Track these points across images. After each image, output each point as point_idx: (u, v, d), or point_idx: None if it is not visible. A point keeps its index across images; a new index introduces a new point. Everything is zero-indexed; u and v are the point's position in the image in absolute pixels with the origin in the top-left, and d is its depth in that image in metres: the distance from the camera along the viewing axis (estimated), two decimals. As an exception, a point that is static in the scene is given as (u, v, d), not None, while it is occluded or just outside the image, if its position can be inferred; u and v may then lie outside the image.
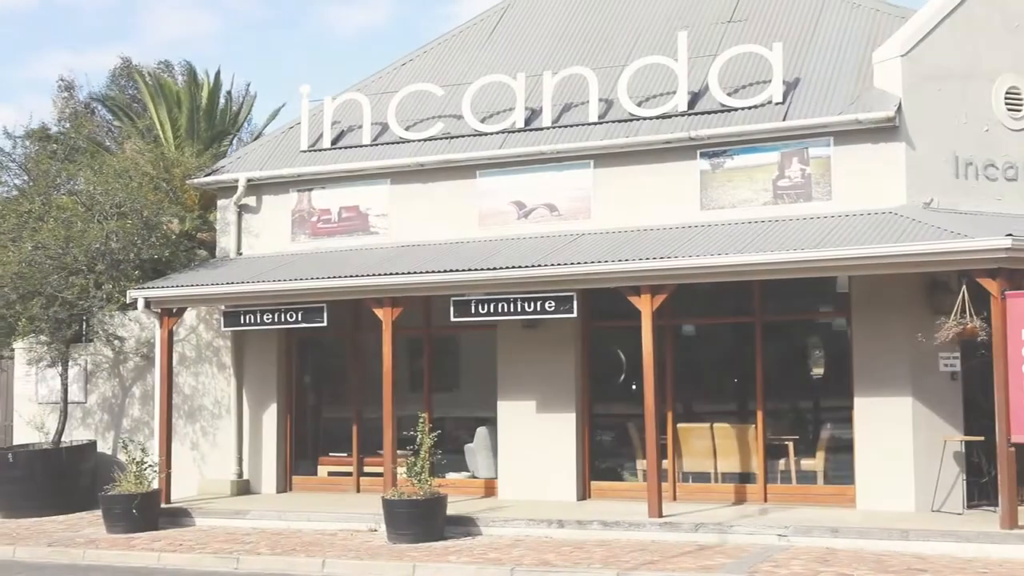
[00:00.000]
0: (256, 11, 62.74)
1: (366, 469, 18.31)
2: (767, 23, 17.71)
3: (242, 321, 17.44)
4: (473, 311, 16.02)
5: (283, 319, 17.07)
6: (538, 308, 15.55)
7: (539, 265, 15.27)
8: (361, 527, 15.80)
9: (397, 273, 15.94)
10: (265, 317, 17.18)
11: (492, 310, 15.89)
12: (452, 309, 16.16)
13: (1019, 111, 15.65)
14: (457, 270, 15.60)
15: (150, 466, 16.80)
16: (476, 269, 15.51)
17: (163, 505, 16.95)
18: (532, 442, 16.81)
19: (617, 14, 19.46)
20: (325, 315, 16.79)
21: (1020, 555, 12.68)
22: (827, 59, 16.58)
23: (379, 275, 16.04)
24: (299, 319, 16.97)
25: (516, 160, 17.17)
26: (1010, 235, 12.97)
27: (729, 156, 16.08)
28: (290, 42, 60.63)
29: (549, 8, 20.31)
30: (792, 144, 15.73)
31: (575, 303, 15.35)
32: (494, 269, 15.40)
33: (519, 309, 15.68)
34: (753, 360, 16.19)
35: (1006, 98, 15.58)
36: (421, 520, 14.80)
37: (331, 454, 18.86)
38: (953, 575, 11.84)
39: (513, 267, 15.36)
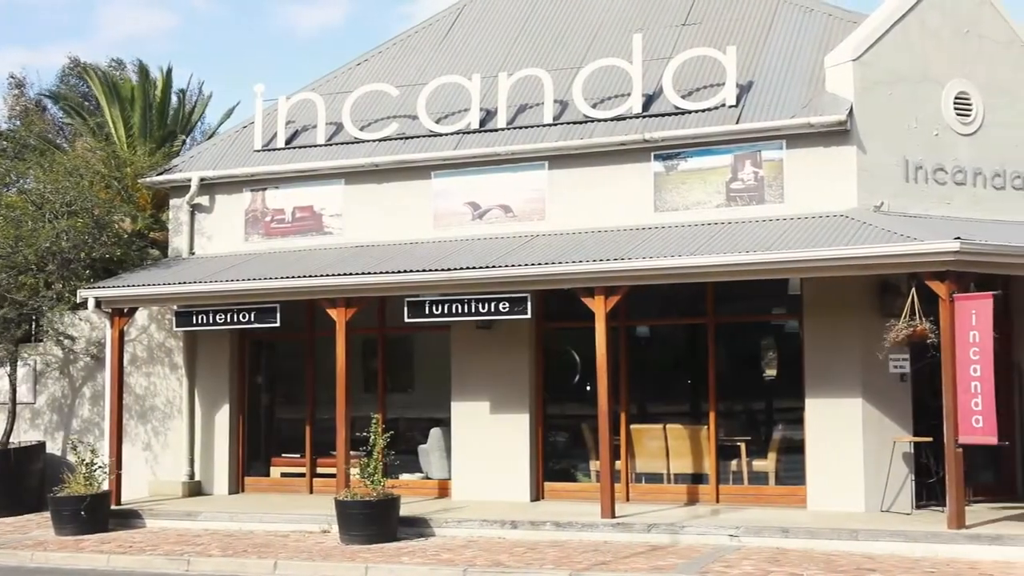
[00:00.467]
0: (213, 9, 62.36)
1: (319, 470, 18.23)
2: (721, 26, 17.82)
3: (194, 321, 17.32)
4: (427, 312, 15.99)
5: (236, 319, 16.97)
6: (492, 309, 15.55)
7: (493, 266, 15.27)
8: (314, 528, 15.74)
9: (351, 273, 15.89)
10: (218, 317, 17.06)
11: (446, 311, 15.88)
12: (406, 310, 16.13)
13: (968, 116, 15.84)
14: (411, 271, 15.57)
15: (100, 467, 16.60)
16: (430, 270, 15.49)
17: (113, 507, 16.79)
18: (486, 443, 16.81)
19: (572, 16, 19.52)
20: (278, 315, 16.70)
21: (967, 555, 12.83)
22: (780, 63, 16.71)
23: (333, 275, 15.98)
24: (252, 319, 16.87)
25: (471, 161, 17.17)
26: (958, 238, 13.13)
27: (683, 158, 16.16)
28: (247, 41, 60.33)
29: (504, 9, 20.33)
30: (745, 147, 15.83)
31: (529, 304, 15.37)
32: (448, 270, 15.39)
33: (473, 310, 15.67)
34: (706, 361, 16.28)
35: (955, 103, 15.78)
36: (374, 521, 14.76)
37: (284, 455, 18.76)
38: (902, 575, 11.95)
39: (467, 268, 15.36)
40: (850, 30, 16.24)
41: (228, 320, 17.02)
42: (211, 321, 17.15)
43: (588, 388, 16.45)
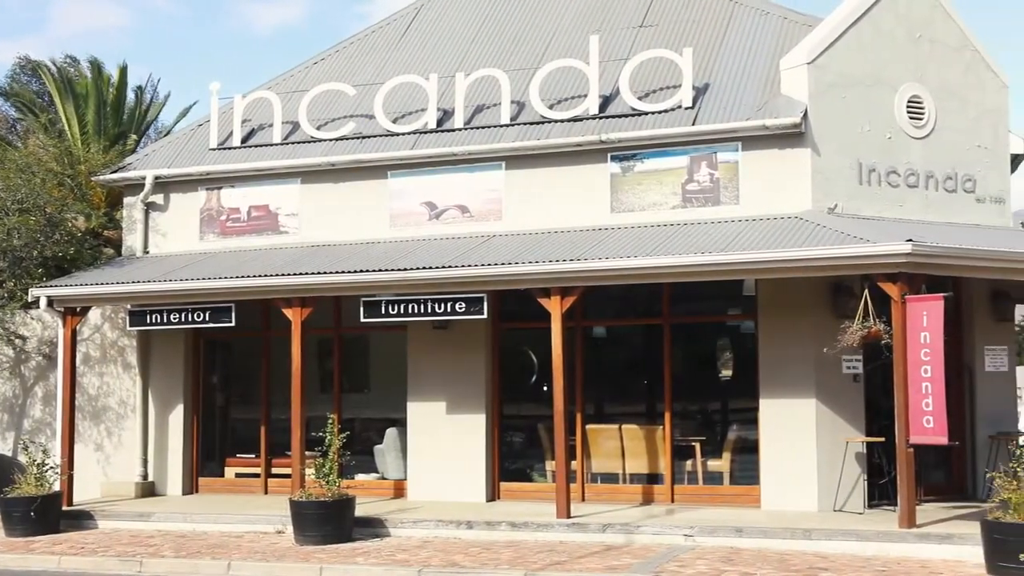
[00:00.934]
0: (168, 7, 61.92)
1: (274, 470, 18.15)
2: (677, 28, 17.91)
3: (148, 321, 17.19)
4: (383, 312, 15.98)
5: (190, 319, 16.86)
6: (449, 309, 15.55)
7: (450, 266, 15.26)
8: (268, 529, 15.66)
9: (306, 273, 15.84)
10: (172, 317, 16.95)
11: (402, 311, 15.87)
12: (362, 310, 16.09)
13: (921, 119, 16.01)
14: (367, 271, 15.54)
15: (52, 468, 16.43)
16: (386, 270, 15.46)
17: (65, 507, 16.61)
18: (442, 443, 16.80)
19: (530, 17, 19.54)
20: (233, 315, 16.63)
21: (918, 553, 12.96)
22: (736, 65, 16.80)
23: (288, 275, 15.92)
24: (206, 319, 16.78)
25: (428, 161, 17.15)
26: (910, 240, 13.26)
27: (639, 159, 16.22)
28: (204, 39, 59.94)
29: (462, 9, 20.32)
30: (701, 148, 15.91)
31: (486, 304, 15.38)
32: (405, 270, 15.36)
33: (430, 310, 15.67)
34: (661, 362, 16.35)
35: (908, 106, 15.94)
36: (329, 522, 14.70)
37: (239, 455, 18.67)
38: (853, 573, 12.05)
39: (424, 268, 15.34)
40: (805, 33, 16.37)
41: (182, 319, 16.91)
42: (165, 320, 17.04)
43: (545, 388, 16.46)
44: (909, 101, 15.96)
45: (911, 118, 15.96)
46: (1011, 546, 11.68)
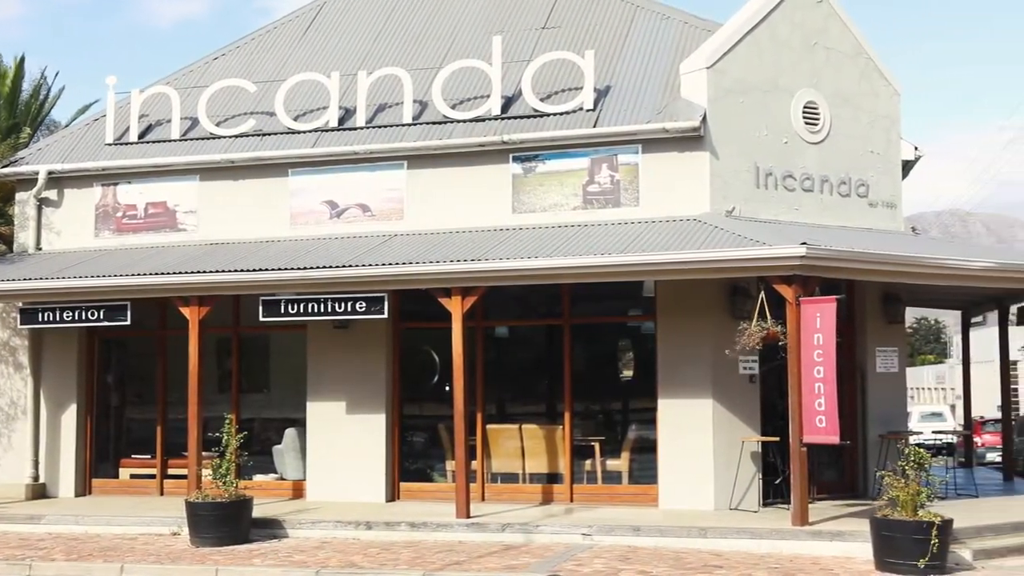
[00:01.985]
0: (65, -2, 60.61)
1: (170, 471, 17.88)
2: (580, 31, 18.02)
3: (40, 319, 16.82)
4: (283, 311, 15.83)
5: (84, 317, 16.55)
6: (349, 309, 15.46)
7: (350, 265, 15.17)
8: (164, 531, 15.41)
9: (204, 271, 15.63)
10: (65, 315, 16.61)
11: (302, 310, 15.74)
12: (261, 309, 15.93)
13: (816, 125, 16.32)
14: (266, 269, 15.38)
15: (-62, 470, 16.04)
16: (286, 269, 15.32)
17: (-49, 510, 16.23)
18: (341, 443, 16.70)
19: (432, 16, 19.51)
20: (129, 313, 16.36)
21: (810, 550, 13.21)
22: (637, 68, 16.96)
23: (185, 273, 15.70)
24: (101, 317, 16.50)
25: (329, 159, 17.04)
26: (804, 243, 13.49)
27: (541, 161, 16.30)
28: (105, 32, 58.82)
29: (365, 7, 20.23)
30: (602, 151, 16.04)
31: (386, 304, 15.32)
32: (304, 269, 15.24)
33: (329, 309, 15.56)
34: (562, 362, 16.42)
35: (804, 112, 16.25)
36: (226, 523, 14.52)
37: (134, 456, 18.37)
38: (747, 570, 12.23)
39: (324, 267, 15.23)
40: (705, 38, 16.59)
41: (76, 318, 16.59)
42: (58, 319, 16.69)
43: (447, 388, 16.44)
44: (805, 107, 16.26)
45: (807, 123, 16.26)
46: (898, 543, 12.00)
